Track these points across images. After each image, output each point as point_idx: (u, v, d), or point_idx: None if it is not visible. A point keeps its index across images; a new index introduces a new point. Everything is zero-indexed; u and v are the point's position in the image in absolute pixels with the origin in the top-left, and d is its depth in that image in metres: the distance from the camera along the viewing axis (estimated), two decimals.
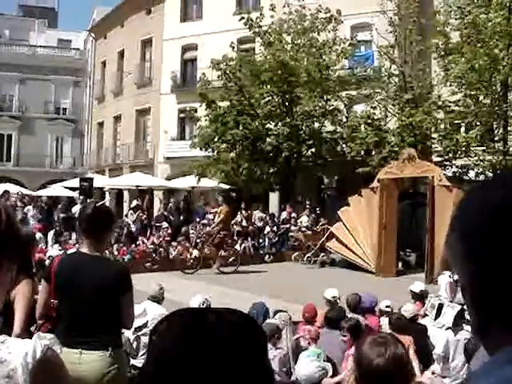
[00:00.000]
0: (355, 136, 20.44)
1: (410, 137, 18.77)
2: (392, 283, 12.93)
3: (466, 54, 17.28)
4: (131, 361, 5.70)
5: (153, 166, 32.09)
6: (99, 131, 39.17)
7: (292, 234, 19.46)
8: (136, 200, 22.76)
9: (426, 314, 6.86)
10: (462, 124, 19.27)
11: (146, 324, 6.07)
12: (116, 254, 16.29)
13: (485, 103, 18.30)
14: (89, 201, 17.40)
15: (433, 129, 19.32)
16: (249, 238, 19.32)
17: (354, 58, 23.02)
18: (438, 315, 6.28)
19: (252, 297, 9.61)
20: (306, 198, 21.71)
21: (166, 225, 19.26)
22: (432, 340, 6.12)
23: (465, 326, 5.77)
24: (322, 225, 18.48)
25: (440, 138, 19.14)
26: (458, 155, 18.87)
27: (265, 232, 20.17)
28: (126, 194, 31.58)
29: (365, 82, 21.38)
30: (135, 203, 22.00)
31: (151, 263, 16.23)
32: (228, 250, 16.24)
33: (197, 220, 20.19)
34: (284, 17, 23.09)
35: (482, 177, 17.91)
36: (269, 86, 22.39)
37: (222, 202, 16.36)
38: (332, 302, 7.04)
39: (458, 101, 18.88)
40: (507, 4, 17.23)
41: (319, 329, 6.15)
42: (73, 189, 24.92)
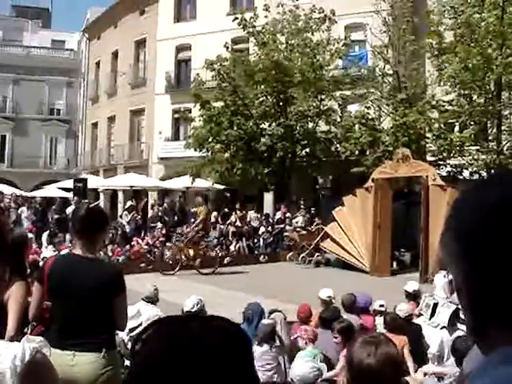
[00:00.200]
0: (349, 136, 20.44)
1: (404, 136, 18.78)
2: (387, 283, 12.95)
3: (459, 54, 17.31)
4: (125, 362, 5.68)
5: (147, 167, 32.02)
6: (93, 132, 39.07)
7: (287, 234, 19.43)
8: (130, 201, 22.69)
9: (420, 314, 6.86)
10: (456, 123, 19.29)
11: (140, 325, 6.05)
12: (110, 254, 16.29)
13: (478, 103, 18.34)
14: (83, 201, 17.34)
15: (427, 128, 19.33)
16: (243, 239, 19.33)
17: (347, 57, 23.04)
18: (432, 314, 6.28)
19: (247, 297, 9.59)
20: (300, 197, 21.69)
21: (160, 225, 19.21)
22: (426, 339, 6.12)
23: (460, 326, 5.76)
24: (316, 225, 18.49)
25: (434, 137, 19.15)
26: (452, 155, 18.89)
27: (259, 232, 20.18)
28: (120, 194, 31.51)
29: (359, 81, 21.41)
30: (130, 204, 21.94)
31: (146, 264, 16.21)
32: (203, 250, 16.04)
33: (191, 220, 20.14)
34: (278, 17, 23.08)
35: (476, 176, 17.94)
36: (263, 86, 22.38)
37: (202, 203, 16.32)
38: (327, 301, 7.01)
39: (452, 100, 18.93)
40: (500, 4, 17.29)
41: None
42: (67, 190, 24.82)
